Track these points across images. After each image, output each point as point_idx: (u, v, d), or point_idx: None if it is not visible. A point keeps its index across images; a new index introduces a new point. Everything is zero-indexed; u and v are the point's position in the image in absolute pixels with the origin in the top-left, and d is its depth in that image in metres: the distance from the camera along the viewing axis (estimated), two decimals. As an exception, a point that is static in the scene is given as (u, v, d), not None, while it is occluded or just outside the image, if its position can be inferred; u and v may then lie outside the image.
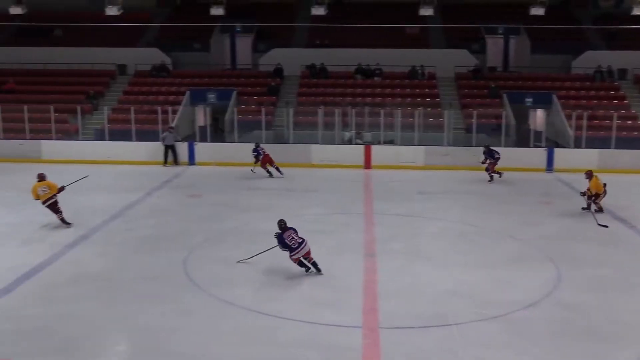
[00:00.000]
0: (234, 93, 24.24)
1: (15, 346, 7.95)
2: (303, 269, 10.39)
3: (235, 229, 13.33)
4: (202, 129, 22.62)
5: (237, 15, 26.99)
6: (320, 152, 20.96)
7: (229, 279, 10.30)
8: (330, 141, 21.53)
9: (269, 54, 27.16)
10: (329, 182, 18.27)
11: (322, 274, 10.36)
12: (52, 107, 22.33)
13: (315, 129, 21.79)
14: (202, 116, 24.35)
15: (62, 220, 13.30)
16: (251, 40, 28.76)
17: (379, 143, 21.62)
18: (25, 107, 22.29)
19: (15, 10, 22.45)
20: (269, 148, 19.53)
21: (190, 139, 21.92)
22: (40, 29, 27.65)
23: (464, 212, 14.72)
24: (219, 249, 11.95)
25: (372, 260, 11.27)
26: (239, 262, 11.01)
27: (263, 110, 22.18)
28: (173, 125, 21.89)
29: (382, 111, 21.93)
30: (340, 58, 26.16)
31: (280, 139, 21.91)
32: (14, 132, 22.46)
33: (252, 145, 19.38)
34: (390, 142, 21.71)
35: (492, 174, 18.33)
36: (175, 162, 21.08)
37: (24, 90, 25.27)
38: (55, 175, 14.26)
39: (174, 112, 22.79)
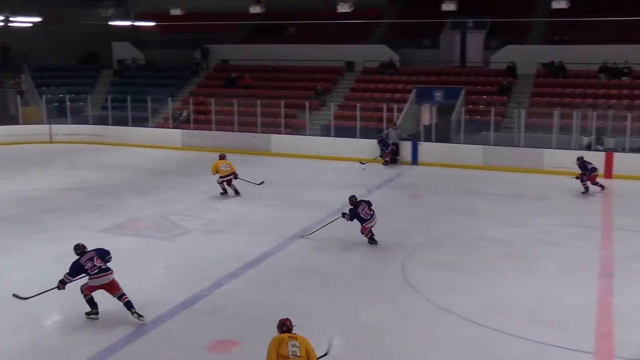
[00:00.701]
0: (462, 92, 23.89)
1: (244, 330, 8.64)
2: (368, 241, 12.03)
3: (455, 232, 13.14)
4: (427, 128, 22.63)
5: (469, 11, 26.54)
6: (554, 157, 19.81)
7: (446, 284, 10.19)
8: (566, 146, 20.23)
9: (502, 51, 26.28)
10: (561, 190, 17.21)
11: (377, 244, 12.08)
12: (282, 103, 23.94)
13: (549, 132, 20.65)
14: (427, 115, 24.34)
15: (235, 191, 16.17)
16: (483, 37, 28.10)
17: (623, 150, 19.84)
18: (259, 102, 24.20)
19: (255, 9, 24.31)
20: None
21: (414, 138, 22.04)
22: (276, 27, 29.82)
23: None
24: (437, 252, 11.87)
25: (608, 280, 10.39)
26: (302, 237, 12.32)
27: (492, 110, 21.56)
28: (397, 123, 22.20)
29: (629, 115, 20.09)
30: (581, 55, 24.45)
31: (509, 142, 21.13)
32: (247, 125, 24.48)
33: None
34: (639, 150, 19.83)
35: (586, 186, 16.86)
36: (395, 160, 21.34)
37: (258, 85, 27.42)
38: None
39: (399, 110, 23.09)
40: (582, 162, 17.13)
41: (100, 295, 8.99)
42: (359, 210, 11.96)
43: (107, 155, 22.71)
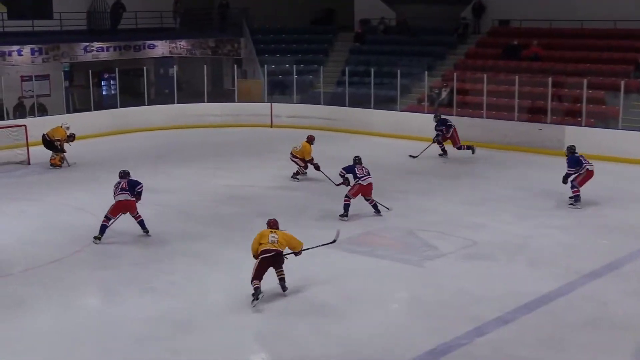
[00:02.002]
0: None
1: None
2: (343, 215, 15.52)
3: None
4: None
5: None
6: None
7: None
8: None
9: None
10: None
11: (381, 215, 15.62)
12: (584, 81, 22.93)
13: None
14: None
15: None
16: None
17: None
18: (550, 80, 23.49)
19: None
20: None
21: None
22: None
23: None
24: None
25: None
26: None
27: None
28: None
29: None
30: None
31: None
32: (532, 112, 23.96)
33: None
34: None
35: None
36: None
37: (550, 57, 26.59)
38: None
39: None
40: None
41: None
42: (355, 167, 15.97)
43: (340, 145, 23.57)
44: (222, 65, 33.14)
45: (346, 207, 15.67)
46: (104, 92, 31.25)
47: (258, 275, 11.17)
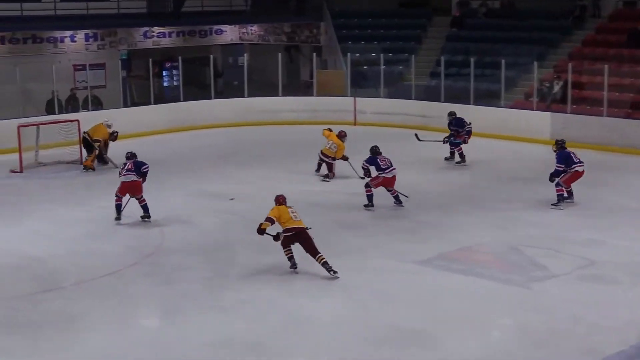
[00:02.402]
0: None
1: None
2: (368, 205, 17.16)
3: None
4: None
5: None
6: None
7: None
8: None
9: None
10: None
11: (402, 205, 17.09)
12: None
13: None
14: None
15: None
16: None
17: None
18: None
19: None
20: None
21: None
22: None
23: None
24: None
25: None
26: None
27: None
28: None
29: None
30: None
31: None
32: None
33: None
34: None
35: None
36: None
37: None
38: None
39: None
40: None
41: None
42: (378, 158, 17.34)
43: (433, 146, 23.38)
44: (298, 54, 33.30)
45: (370, 197, 17.29)
46: (165, 84, 31.83)
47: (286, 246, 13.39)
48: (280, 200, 13.71)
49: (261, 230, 13.27)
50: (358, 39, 31.44)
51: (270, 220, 13.24)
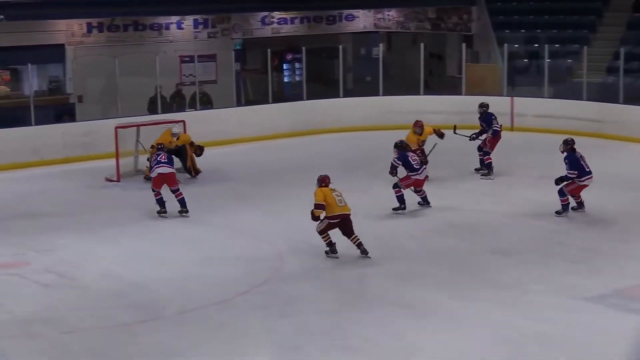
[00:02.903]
0: None
1: None
2: (399, 208, 18.25)
3: None
4: None
5: None
6: None
7: None
8: None
9: None
10: None
11: (430, 206, 18.54)
12: None
13: None
14: None
15: None
16: None
17: None
18: None
19: None
20: None
21: None
22: None
23: None
24: None
25: None
26: None
27: None
28: None
29: None
30: None
31: None
32: None
33: None
34: None
35: None
36: None
37: None
38: None
39: None
40: None
41: None
42: (409, 155, 18.30)
43: (610, 158, 23.05)
44: (445, 43, 33.18)
45: (401, 198, 18.33)
46: (285, 79, 32.07)
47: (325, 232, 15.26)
48: (326, 180, 15.31)
49: (316, 218, 15.18)
50: (517, 26, 31.22)
51: (321, 207, 15.02)
